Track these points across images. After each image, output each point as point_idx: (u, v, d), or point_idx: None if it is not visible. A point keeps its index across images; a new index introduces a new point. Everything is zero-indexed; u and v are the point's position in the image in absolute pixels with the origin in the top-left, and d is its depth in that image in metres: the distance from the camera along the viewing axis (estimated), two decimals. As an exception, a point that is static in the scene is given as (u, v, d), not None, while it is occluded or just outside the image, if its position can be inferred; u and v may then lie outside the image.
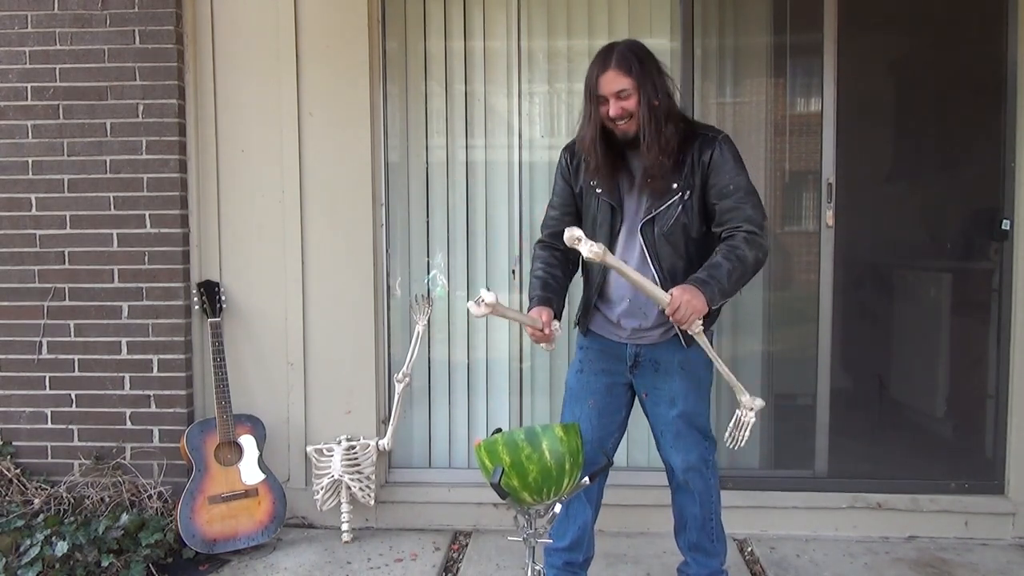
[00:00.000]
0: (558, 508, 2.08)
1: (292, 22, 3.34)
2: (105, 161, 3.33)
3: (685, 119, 2.42)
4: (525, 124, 3.53)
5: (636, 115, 2.26)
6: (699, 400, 2.47)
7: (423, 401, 3.63)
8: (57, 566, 2.82)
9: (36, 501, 3.24)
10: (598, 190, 2.40)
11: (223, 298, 3.36)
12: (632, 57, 2.25)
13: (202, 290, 3.32)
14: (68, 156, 3.33)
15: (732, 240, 2.24)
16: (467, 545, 3.30)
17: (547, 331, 2.32)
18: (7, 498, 3.27)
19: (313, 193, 3.39)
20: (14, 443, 3.41)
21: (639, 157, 2.33)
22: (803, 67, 3.45)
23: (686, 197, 2.31)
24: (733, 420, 2.32)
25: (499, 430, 2.07)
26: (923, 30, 3.41)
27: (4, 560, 2.82)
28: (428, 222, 3.58)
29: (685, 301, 2.08)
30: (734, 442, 2.31)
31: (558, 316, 2.40)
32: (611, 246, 2.37)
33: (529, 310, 2.40)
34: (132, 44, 3.30)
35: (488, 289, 1.99)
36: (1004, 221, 3.31)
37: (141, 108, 3.31)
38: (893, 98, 3.48)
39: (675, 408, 2.42)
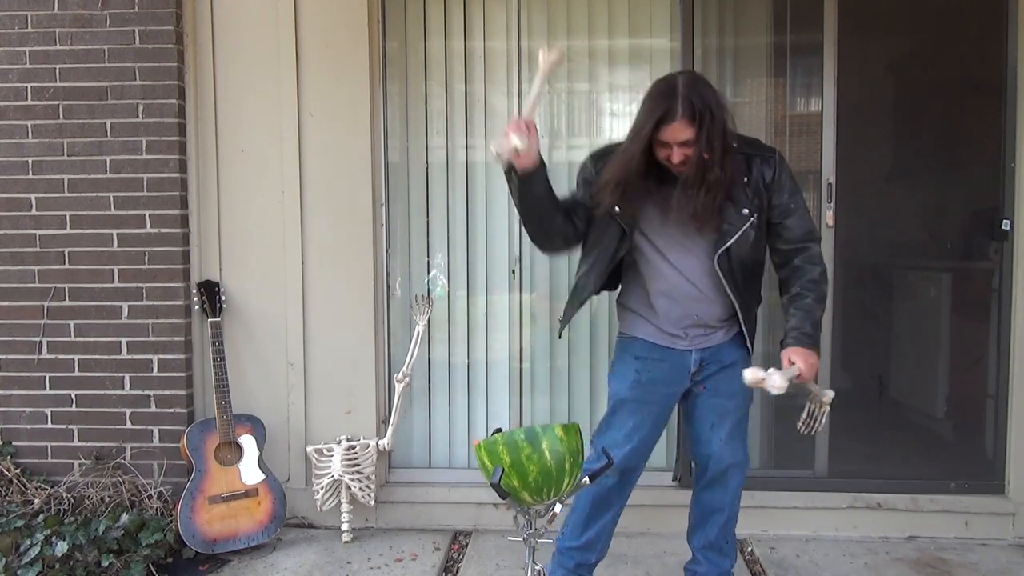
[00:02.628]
0: (558, 508, 2.07)
1: (292, 22, 3.34)
2: (105, 161, 3.33)
3: (740, 139, 2.36)
4: (525, 124, 3.53)
5: (695, 159, 2.20)
6: (748, 400, 2.54)
7: (423, 401, 3.63)
8: (57, 566, 2.82)
9: (36, 501, 3.24)
10: (616, 209, 2.32)
11: (223, 298, 3.36)
12: (699, 102, 2.14)
13: (202, 290, 3.32)
14: (68, 156, 3.33)
15: (810, 267, 2.37)
16: (467, 545, 3.30)
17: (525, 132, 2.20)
18: (7, 498, 3.27)
19: (313, 193, 3.39)
20: (14, 443, 3.41)
21: (685, 193, 2.26)
22: (803, 67, 3.45)
23: (755, 220, 2.33)
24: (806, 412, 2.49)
25: (499, 430, 2.06)
26: (923, 30, 3.42)
27: (4, 560, 2.82)
28: (428, 222, 3.58)
29: (810, 365, 2.28)
30: (812, 427, 2.50)
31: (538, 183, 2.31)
32: (614, 270, 2.41)
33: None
34: (132, 44, 3.30)
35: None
36: (1004, 221, 3.31)
37: (141, 108, 3.31)
38: (893, 98, 3.48)
39: (734, 400, 2.48)
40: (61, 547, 2.84)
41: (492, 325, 3.60)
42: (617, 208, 2.32)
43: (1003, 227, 3.32)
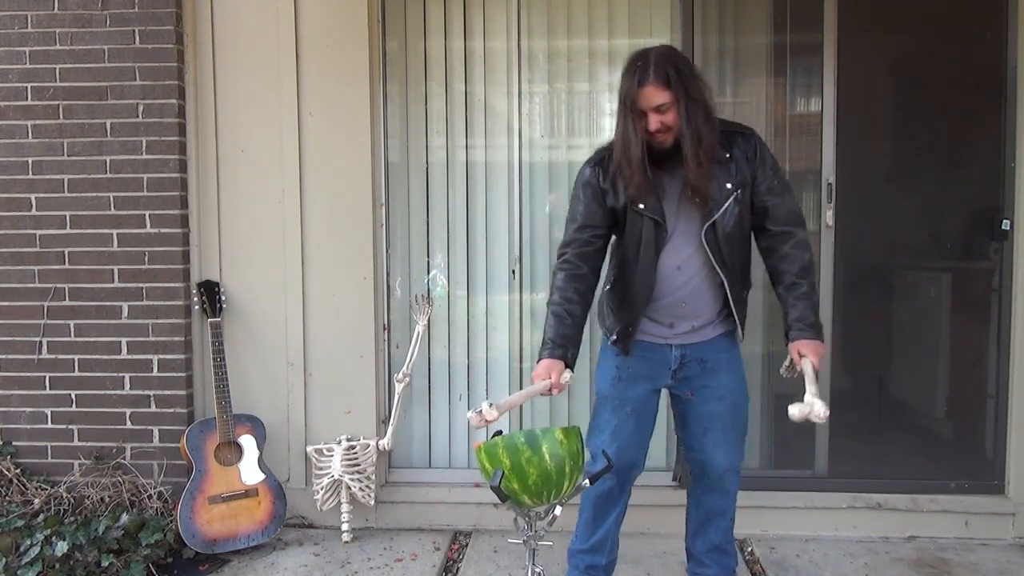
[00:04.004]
0: (558, 511, 2.08)
1: (292, 22, 3.33)
2: (105, 161, 3.33)
3: (719, 120, 2.40)
4: (525, 124, 3.53)
5: (674, 128, 2.22)
6: (744, 395, 2.51)
7: (423, 401, 3.63)
8: (57, 566, 2.82)
9: (36, 501, 3.24)
10: (640, 205, 2.31)
11: (223, 298, 3.36)
12: (670, 67, 2.18)
13: (202, 290, 3.32)
14: (68, 156, 3.33)
15: (799, 253, 2.35)
16: (467, 545, 3.31)
17: (555, 391, 2.26)
18: (7, 498, 3.27)
19: (313, 193, 3.39)
20: (14, 443, 3.42)
21: (677, 167, 2.28)
22: (803, 67, 3.45)
23: (740, 195, 2.33)
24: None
25: (499, 432, 2.06)
26: (923, 30, 3.41)
27: (4, 560, 2.82)
28: (428, 222, 3.58)
29: (821, 356, 2.28)
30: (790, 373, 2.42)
31: (573, 361, 2.34)
32: (657, 261, 2.34)
33: (539, 358, 2.32)
34: (132, 44, 3.30)
35: (489, 404, 2.00)
36: (1004, 221, 3.31)
37: (141, 108, 3.31)
38: (893, 98, 3.48)
39: (724, 402, 2.44)
40: (61, 547, 2.85)
41: (492, 325, 3.60)
42: (642, 205, 2.31)
43: (1003, 227, 3.32)
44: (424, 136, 3.57)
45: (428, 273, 3.59)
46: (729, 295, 2.37)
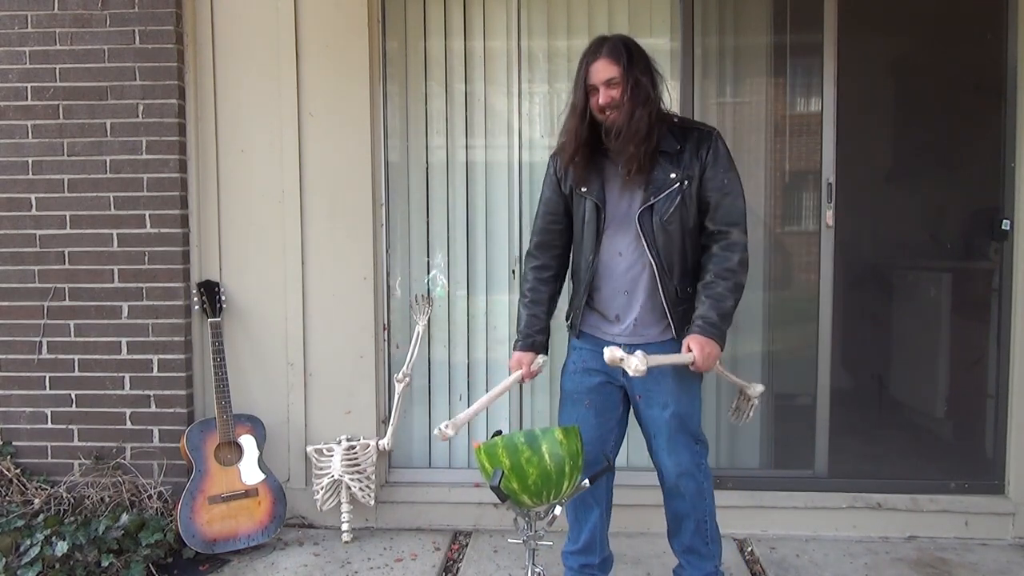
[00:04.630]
0: (558, 510, 2.08)
1: (292, 22, 3.34)
2: (105, 161, 3.33)
3: (677, 115, 2.51)
4: (525, 124, 3.53)
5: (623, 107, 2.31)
6: (691, 402, 2.46)
7: (423, 401, 3.63)
8: (57, 566, 2.82)
9: (36, 501, 3.24)
10: (583, 188, 2.44)
11: (223, 298, 3.36)
12: (623, 48, 2.30)
13: (202, 290, 3.32)
14: (68, 156, 3.33)
15: (728, 255, 2.34)
16: (467, 545, 3.31)
17: (527, 379, 2.56)
18: (7, 498, 3.27)
19: (313, 193, 3.39)
20: (14, 443, 3.42)
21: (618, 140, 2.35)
22: (803, 67, 3.45)
23: (685, 187, 2.35)
24: (735, 404, 2.70)
25: (499, 432, 2.07)
26: (923, 30, 3.41)
27: (4, 560, 2.82)
28: (428, 222, 3.58)
29: (706, 355, 2.26)
30: (740, 418, 2.71)
31: (545, 346, 2.59)
32: (597, 245, 2.43)
33: (513, 348, 2.58)
34: (132, 44, 3.30)
35: (445, 424, 2.24)
36: (1004, 221, 3.31)
37: (141, 108, 3.31)
38: (893, 98, 3.48)
39: (668, 410, 2.41)
40: (61, 547, 2.85)
41: (492, 325, 3.60)
42: (584, 188, 2.43)
43: (1003, 227, 3.32)
44: (424, 136, 3.57)
45: (428, 273, 3.59)
46: (659, 286, 2.38)
